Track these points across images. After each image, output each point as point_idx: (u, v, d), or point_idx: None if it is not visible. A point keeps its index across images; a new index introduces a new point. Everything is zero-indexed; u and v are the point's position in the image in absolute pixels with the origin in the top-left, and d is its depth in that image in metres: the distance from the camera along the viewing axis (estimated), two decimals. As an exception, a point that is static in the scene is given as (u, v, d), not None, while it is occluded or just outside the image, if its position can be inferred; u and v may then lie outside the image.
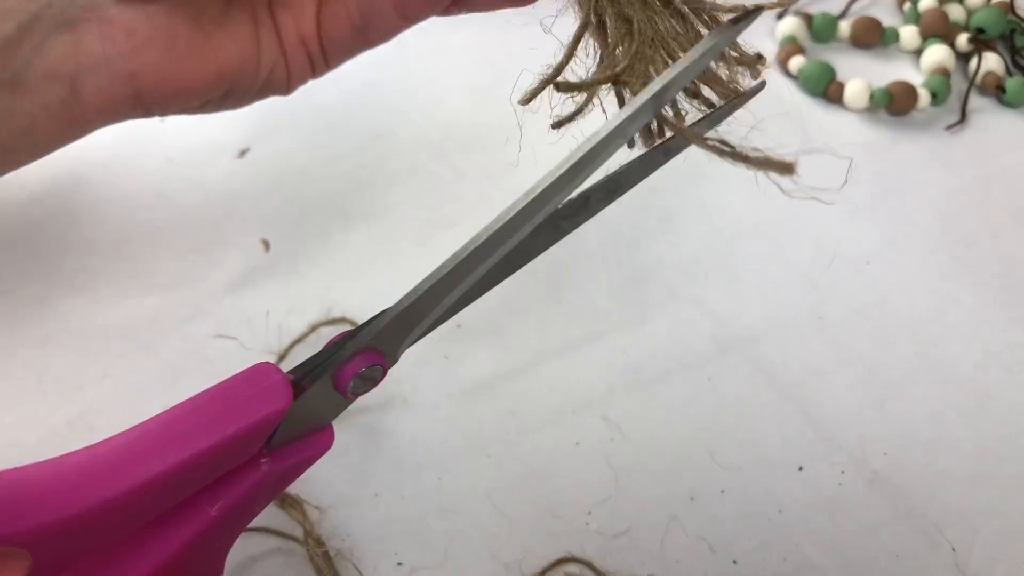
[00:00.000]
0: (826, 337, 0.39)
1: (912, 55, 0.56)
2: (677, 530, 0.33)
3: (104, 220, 0.43)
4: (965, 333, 0.40)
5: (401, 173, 0.46)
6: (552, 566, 0.31)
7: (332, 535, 0.32)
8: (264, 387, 0.23)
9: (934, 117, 0.51)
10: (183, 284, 0.40)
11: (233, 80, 0.28)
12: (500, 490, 0.34)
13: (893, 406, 0.37)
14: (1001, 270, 0.42)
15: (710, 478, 0.34)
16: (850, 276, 0.42)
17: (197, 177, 0.46)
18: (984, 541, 0.33)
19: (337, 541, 0.32)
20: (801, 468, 0.34)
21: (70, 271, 0.41)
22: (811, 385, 0.37)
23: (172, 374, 0.37)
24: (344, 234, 0.43)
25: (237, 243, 0.42)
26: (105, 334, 0.38)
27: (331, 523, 0.33)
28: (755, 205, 0.45)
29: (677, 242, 0.43)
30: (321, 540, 0.31)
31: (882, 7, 0.60)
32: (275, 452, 0.24)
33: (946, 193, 0.46)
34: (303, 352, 0.37)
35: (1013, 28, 0.56)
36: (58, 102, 0.24)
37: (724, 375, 0.38)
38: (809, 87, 0.52)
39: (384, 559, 0.32)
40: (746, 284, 0.41)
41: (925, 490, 0.34)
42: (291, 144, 0.48)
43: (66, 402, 0.36)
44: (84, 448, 0.22)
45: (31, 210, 0.43)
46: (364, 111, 0.49)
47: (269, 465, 0.24)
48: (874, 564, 0.32)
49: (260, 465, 0.23)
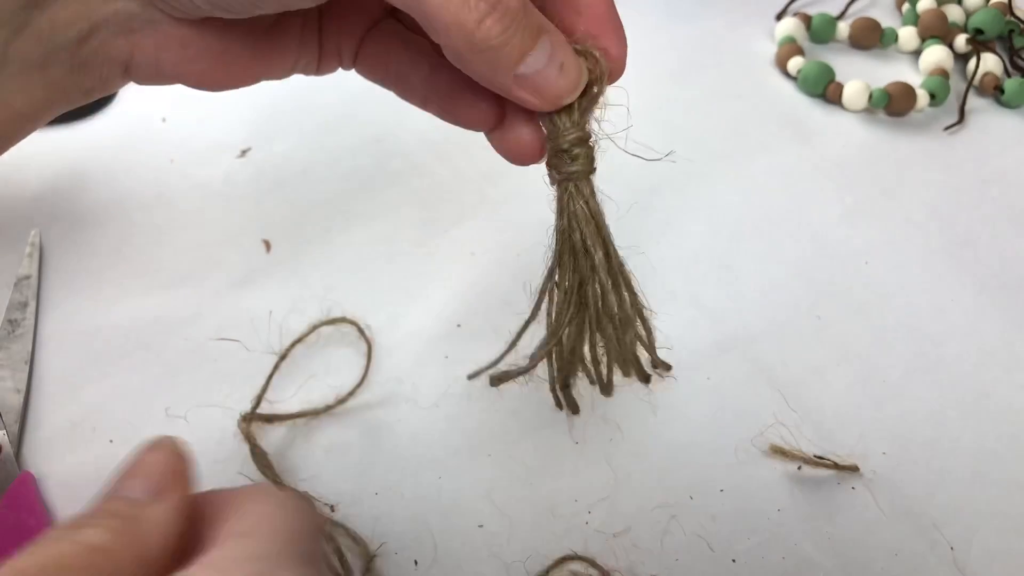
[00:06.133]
0: (825, 337, 0.39)
1: (911, 56, 0.56)
2: (677, 529, 0.33)
3: (105, 220, 0.43)
4: (963, 333, 0.40)
5: (401, 173, 0.46)
6: (556, 564, 0.31)
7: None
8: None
9: (933, 118, 0.51)
10: (184, 284, 0.41)
11: (269, 79, 0.30)
12: (500, 490, 0.34)
13: (892, 405, 0.37)
14: (999, 270, 0.43)
15: (709, 477, 0.34)
16: (849, 276, 0.42)
17: (198, 177, 0.46)
18: (983, 540, 0.33)
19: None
20: (800, 467, 0.34)
21: (71, 271, 0.41)
22: (810, 384, 0.37)
23: (174, 374, 0.37)
24: (344, 234, 0.43)
25: (238, 243, 0.42)
26: (106, 334, 0.38)
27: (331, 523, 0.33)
28: (755, 205, 0.46)
29: (677, 242, 0.43)
30: (332, 536, 0.31)
31: (881, 8, 0.60)
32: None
33: (944, 193, 0.47)
34: (303, 352, 0.37)
35: (1011, 29, 0.56)
36: (112, 76, 0.27)
37: (723, 374, 0.38)
38: (808, 88, 0.52)
39: (385, 558, 0.32)
40: (745, 284, 0.42)
41: (924, 489, 0.34)
42: (292, 144, 0.48)
43: (68, 403, 0.36)
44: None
45: (33, 211, 0.43)
46: (364, 112, 0.49)
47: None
48: (873, 563, 0.32)
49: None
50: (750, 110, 0.52)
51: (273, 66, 0.29)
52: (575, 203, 0.26)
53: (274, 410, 0.35)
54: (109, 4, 0.25)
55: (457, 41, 0.22)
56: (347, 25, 0.30)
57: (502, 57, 0.23)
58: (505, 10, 0.22)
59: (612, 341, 0.27)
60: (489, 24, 0.22)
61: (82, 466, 0.34)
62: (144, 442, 0.21)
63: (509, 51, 0.23)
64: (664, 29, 0.57)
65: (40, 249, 0.41)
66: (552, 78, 0.24)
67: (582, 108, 0.26)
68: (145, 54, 0.26)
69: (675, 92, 0.52)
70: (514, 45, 0.23)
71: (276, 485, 0.32)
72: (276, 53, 0.29)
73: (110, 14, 0.25)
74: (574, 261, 0.26)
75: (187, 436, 0.34)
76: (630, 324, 0.27)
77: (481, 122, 0.28)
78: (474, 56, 0.23)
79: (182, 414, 0.35)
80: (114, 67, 0.27)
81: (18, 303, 0.39)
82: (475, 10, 0.22)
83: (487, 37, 0.22)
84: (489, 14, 0.22)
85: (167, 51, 0.26)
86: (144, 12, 0.26)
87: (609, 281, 0.26)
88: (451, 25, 0.22)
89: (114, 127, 0.48)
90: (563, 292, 0.27)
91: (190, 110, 0.49)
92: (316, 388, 0.36)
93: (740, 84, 0.53)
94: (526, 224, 0.40)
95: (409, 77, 0.30)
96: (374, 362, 0.37)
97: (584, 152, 0.26)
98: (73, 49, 0.26)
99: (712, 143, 0.49)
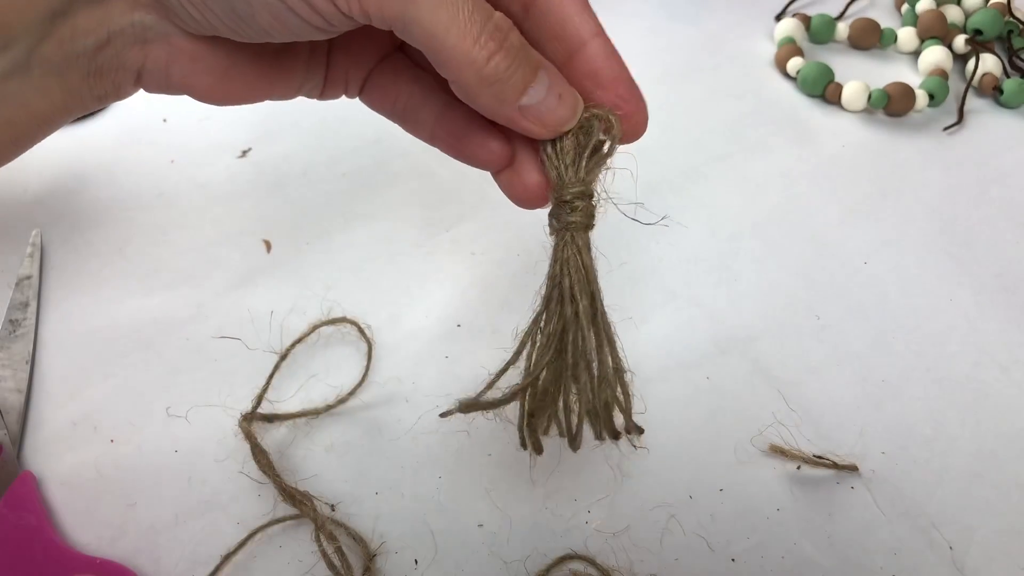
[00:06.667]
0: (824, 337, 0.39)
1: (910, 56, 0.56)
2: (676, 528, 0.33)
3: (106, 221, 0.43)
4: (962, 332, 0.40)
5: (401, 173, 0.46)
6: (555, 563, 0.31)
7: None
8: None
9: (932, 118, 0.51)
10: (185, 284, 0.41)
11: (272, 99, 0.31)
12: (500, 489, 0.34)
13: (890, 405, 0.37)
14: (998, 270, 0.43)
15: (708, 477, 0.34)
16: (848, 276, 0.42)
17: (199, 177, 0.46)
18: (982, 539, 0.33)
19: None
20: (799, 467, 0.35)
21: (73, 271, 0.41)
22: (809, 384, 0.38)
23: (174, 374, 0.37)
24: (344, 234, 0.43)
25: (239, 243, 0.42)
26: (107, 334, 0.38)
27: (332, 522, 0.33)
28: (754, 205, 0.46)
29: (677, 242, 0.43)
30: (334, 535, 0.31)
31: (880, 8, 0.60)
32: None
33: (943, 193, 0.47)
34: (304, 351, 0.38)
35: (1010, 29, 0.56)
36: (125, 84, 0.28)
37: (723, 374, 0.38)
38: (807, 88, 0.52)
39: (385, 557, 0.32)
40: (745, 284, 0.42)
41: (923, 488, 0.34)
42: (292, 145, 0.48)
43: (69, 403, 0.36)
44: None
45: (34, 211, 0.44)
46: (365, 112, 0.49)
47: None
48: (872, 562, 0.32)
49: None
50: (750, 110, 0.52)
51: (276, 88, 0.30)
52: (568, 251, 0.27)
53: (274, 410, 0.35)
54: (127, 15, 0.26)
55: (468, 76, 0.24)
56: (356, 56, 0.31)
57: (508, 89, 0.25)
58: (510, 47, 0.24)
59: (586, 393, 0.27)
60: (497, 60, 0.24)
61: (82, 466, 0.34)
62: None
63: (514, 84, 0.25)
64: (664, 29, 0.57)
65: (41, 249, 0.41)
66: (552, 107, 0.26)
67: (589, 165, 0.27)
68: (157, 64, 0.28)
69: (675, 92, 0.52)
70: (518, 78, 0.25)
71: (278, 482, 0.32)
72: (281, 76, 0.30)
73: (127, 25, 0.27)
74: (560, 307, 0.27)
75: (187, 436, 0.35)
76: (607, 383, 0.28)
77: (490, 162, 0.30)
78: (483, 90, 0.25)
79: (182, 414, 0.36)
80: (127, 75, 0.28)
81: (19, 303, 0.39)
82: (485, 48, 0.24)
83: (495, 72, 0.24)
84: (497, 51, 0.24)
85: (177, 63, 0.28)
86: (159, 25, 0.27)
87: (591, 332, 0.27)
88: (463, 62, 0.24)
89: (115, 127, 0.48)
90: (545, 336, 0.28)
91: (191, 111, 0.49)
92: (316, 388, 0.36)
93: (740, 84, 0.54)
94: (526, 224, 0.40)
95: (418, 112, 0.31)
96: (374, 362, 0.37)
97: (584, 206, 0.27)
98: (91, 55, 0.27)
99: (712, 143, 0.49)
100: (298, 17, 0.24)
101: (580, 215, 0.27)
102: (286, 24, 0.25)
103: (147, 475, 0.34)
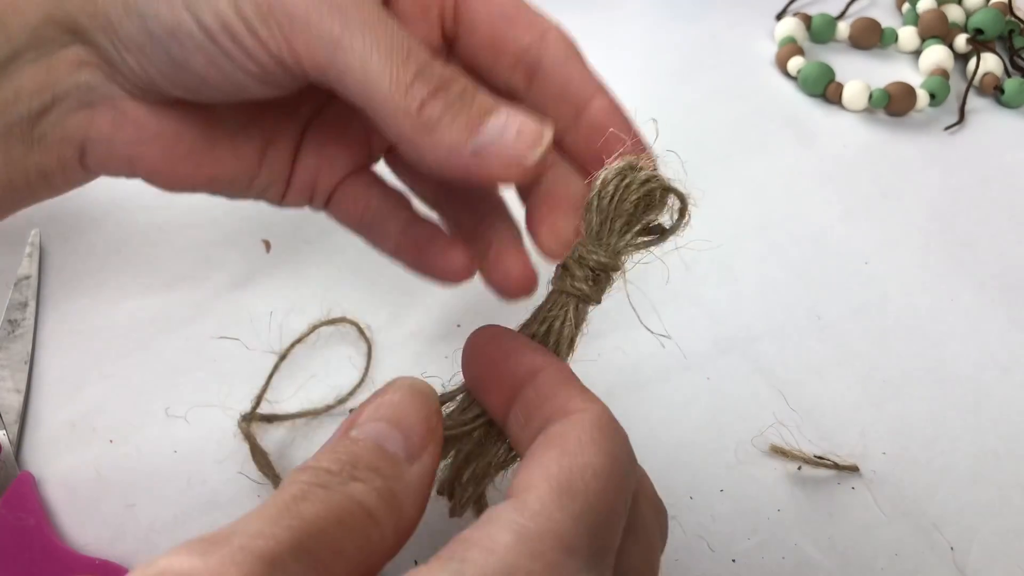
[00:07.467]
0: (825, 337, 0.39)
1: (911, 56, 0.56)
2: (676, 529, 0.33)
3: (104, 220, 0.43)
4: (963, 333, 0.40)
5: (401, 173, 0.46)
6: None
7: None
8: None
9: (933, 118, 0.51)
10: (184, 284, 0.41)
11: (223, 188, 0.30)
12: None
13: (891, 405, 0.37)
14: (999, 270, 0.43)
15: (709, 477, 0.34)
16: (848, 276, 0.42)
17: (198, 178, 0.46)
18: (983, 540, 0.33)
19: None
20: (800, 467, 0.34)
21: (71, 272, 0.41)
22: (810, 384, 0.37)
23: (174, 374, 0.37)
24: (345, 234, 0.43)
25: (238, 243, 0.42)
26: (106, 335, 0.38)
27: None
28: (755, 204, 0.46)
29: (677, 241, 0.43)
30: None
31: (881, 8, 0.60)
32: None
33: (944, 193, 0.47)
34: (303, 352, 0.37)
35: (1011, 29, 0.56)
36: (70, 160, 0.27)
37: (723, 374, 0.38)
38: (808, 88, 0.52)
39: (385, 558, 0.32)
40: (745, 284, 0.42)
41: (924, 489, 0.34)
42: (292, 145, 0.48)
43: (68, 403, 0.36)
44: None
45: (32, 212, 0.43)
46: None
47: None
48: (873, 563, 0.32)
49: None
50: (750, 110, 0.52)
51: (227, 169, 0.29)
52: (557, 319, 0.25)
53: (274, 410, 0.35)
54: (72, 76, 0.26)
55: (404, 126, 0.23)
56: (330, 161, 0.31)
57: (452, 134, 0.23)
58: (447, 92, 0.23)
59: (482, 467, 0.25)
60: (431, 105, 0.23)
61: (82, 466, 0.34)
62: (397, 381, 0.22)
63: (457, 127, 0.23)
64: (664, 29, 0.57)
65: (40, 249, 0.41)
66: (509, 143, 0.23)
67: (633, 238, 0.24)
68: (100, 133, 0.27)
69: (675, 92, 0.52)
70: (460, 122, 0.23)
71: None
72: (234, 157, 0.29)
73: (72, 86, 0.26)
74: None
75: (186, 436, 0.35)
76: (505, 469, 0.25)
77: (452, 272, 0.30)
78: (423, 139, 0.23)
79: (182, 414, 0.35)
80: (71, 147, 0.27)
81: (18, 303, 0.39)
82: (415, 97, 0.23)
83: (430, 117, 0.23)
84: (429, 98, 0.23)
85: (122, 131, 0.27)
86: (104, 86, 0.26)
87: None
88: (397, 110, 0.23)
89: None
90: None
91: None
92: (316, 388, 0.36)
93: (740, 84, 0.53)
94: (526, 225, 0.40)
95: (386, 224, 0.31)
96: (374, 362, 0.37)
97: (602, 279, 0.24)
98: (33, 120, 0.25)
99: (712, 143, 0.49)
100: (232, 62, 0.24)
101: (592, 289, 0.24)
102: (222, 70, 0.24)
103: (146, 476, 0.34)
